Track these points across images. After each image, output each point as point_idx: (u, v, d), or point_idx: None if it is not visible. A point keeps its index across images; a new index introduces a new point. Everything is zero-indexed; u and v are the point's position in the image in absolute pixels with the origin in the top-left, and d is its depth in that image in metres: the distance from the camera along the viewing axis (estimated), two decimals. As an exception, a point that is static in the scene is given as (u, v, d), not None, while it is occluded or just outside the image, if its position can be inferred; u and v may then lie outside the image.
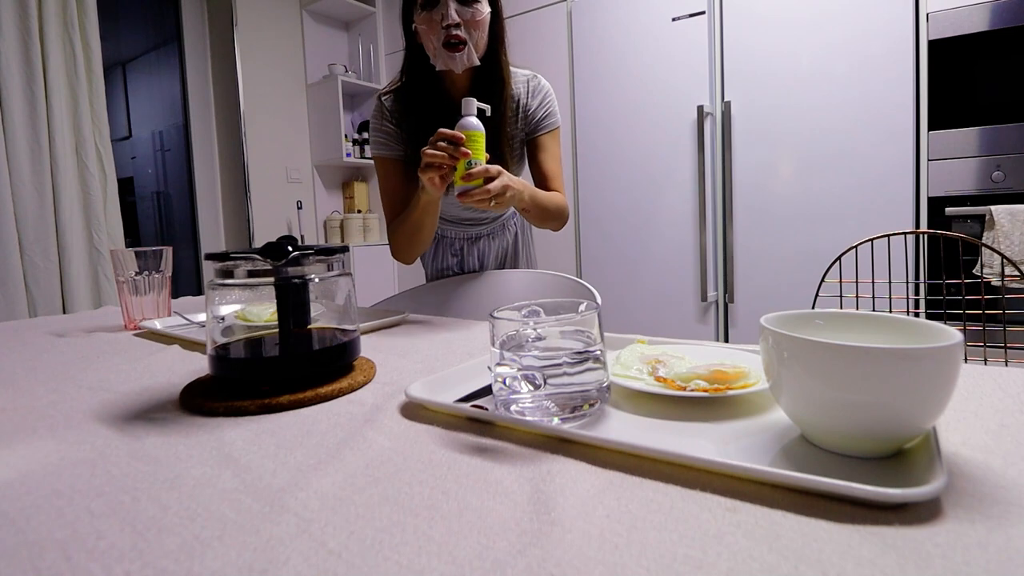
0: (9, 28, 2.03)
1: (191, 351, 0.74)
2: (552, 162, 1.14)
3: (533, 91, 1.11)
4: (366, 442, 0.40)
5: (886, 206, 1.84)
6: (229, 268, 0.53)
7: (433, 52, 0.98)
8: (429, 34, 0.97)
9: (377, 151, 1.10)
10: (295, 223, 3.14)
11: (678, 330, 2.21)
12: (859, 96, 1.85)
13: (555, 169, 1.14)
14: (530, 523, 0.29)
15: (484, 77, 1.04)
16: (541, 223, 1.10)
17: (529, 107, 1.11)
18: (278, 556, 0.27)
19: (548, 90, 1.14)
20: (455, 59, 0.97)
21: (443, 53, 0.96)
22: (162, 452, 0.40)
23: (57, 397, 0.55)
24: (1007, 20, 1.65)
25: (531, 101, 1.11)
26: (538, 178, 1.14)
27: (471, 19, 0.96)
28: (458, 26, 0.95)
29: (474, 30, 0.96)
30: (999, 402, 0.43)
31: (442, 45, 0.96)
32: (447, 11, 0.94)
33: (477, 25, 0.96)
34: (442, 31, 0.95)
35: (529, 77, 1.12)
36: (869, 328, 0.40)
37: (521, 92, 1.11)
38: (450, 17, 0.94)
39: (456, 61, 0.97)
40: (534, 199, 1.01)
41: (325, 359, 0.55)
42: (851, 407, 0.33)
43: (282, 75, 3.10)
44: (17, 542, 0.29)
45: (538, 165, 1.13)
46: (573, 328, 0.44)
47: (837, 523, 0.27)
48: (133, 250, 0.92)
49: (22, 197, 2.08)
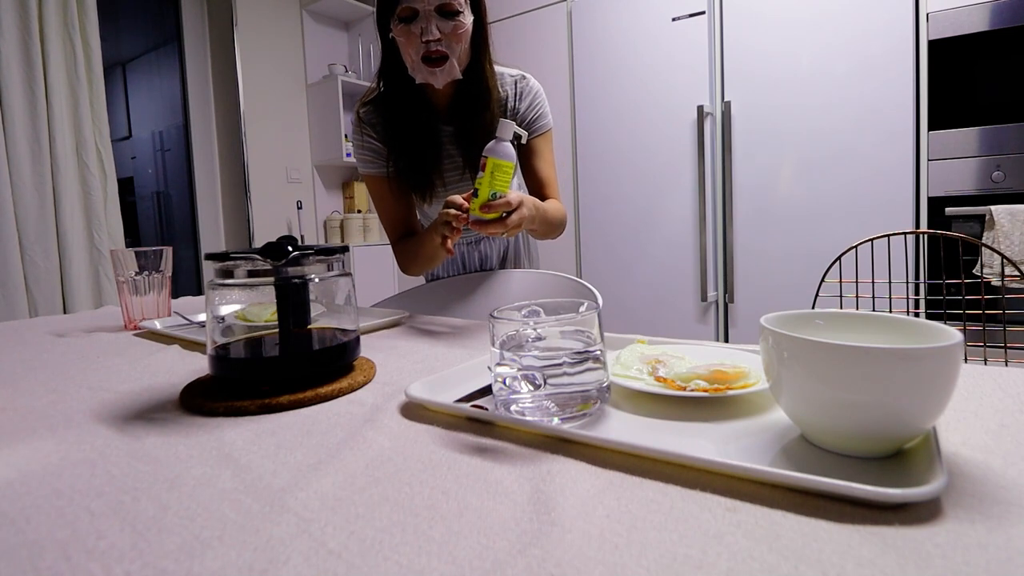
0: (9, 28, 2.03)
1: (191, 351, 0.74)
2: (547, 167, 1.09)
3: (522, 93, 1.06)
4: (366, 442, 0.40)
5: (886, 206, 1.84)
6: (229, 268, 0.53)
7: (412, 65, 0.93)
8: (408, 47, 0.92)
9: (364, 169, 1.08)
10: (295, 223, 3.14)
11: (678, 330, 2.21)
12: (859, 96, 1.85)
13: (551, 175, 1.09)
14: (530, 523, 0.29)
15: (468, 88, 0.99)
16: (544, 237, 1.08)
17: (518, 110, 1.05)
18: (278, 556, 0.27)
19: (538, 91, 1.08)
20: (436, 74, 0.92)
21: (423, 68, 0.92)
22: (162, 452, 0.40)
23: (57, 397, 0.55)
24: (1007, 20, 1.65)
25: (520, 104, 1.05)
26: (533, 185, 1.09)
27: (452, 32, 0.90)
28: (439, 40, 0.89)
29: (456, 43, 0.91)
30: (999, 402, 0.43)
31: (421, 59, 0.91)
32: (428, 26, 0.89)
33: (459, 38, 0.91)
34: (421, 45, 0.90)
35: (517, 78, 1.06)
36: (869, 328, 0.40)
37: (509, 94, 1.05)
38: (431, 32, 0.89)
39: (437, 76, 0.92)
40: (543, 219, 0.97)
41: (325, 359, 0.55)
42: (851, 407, 0.33)
43: (282, 75, 3.10)
44: (17, 542, 0.29)
45: (532, 171, 1.09)
46: (573, 328, 0.44)
47: (837, 523, 0.27)
48: (133, 250, 0.92)
49: (22, 197, 2.08)
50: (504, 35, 2.60)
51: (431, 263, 1.05)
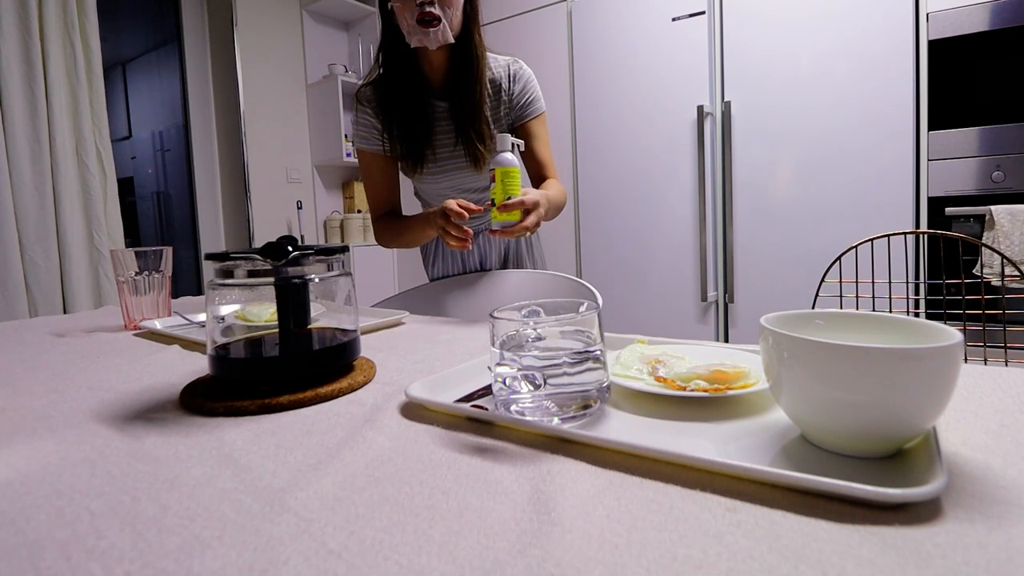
0: (9, 28, 2.03)
1: (191, 351, 0.74)
2: (544, 149, 1.16)
3: (515, 76, 1.13)
4: (366, 442, 0.40)
5: (886, 206, 1.84)
6: (229, 268, 0.53)
7: (408, 29, 1.01)
8: (404, 11, 0.99)
9: (358, 143, 1.16)
10: (295, 223, 3.14)
11: (678, 330, 2.21)
12: (859, 96, 1.85)
13: (548, 156, 1.17)
14: (530, 523, 0.29)
15: (459, 55, 1.07)
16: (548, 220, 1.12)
17: (512, 92, 1.13)
18: (278, 556, 0.27)
19: (530, 76, 1.15)
20: (429, 35, 0.99)
21: (417, 30, 0.99)
22: (162, 452, 0.40)
23: (57, 397, 0.55)
24: (1007, 20, 1.65)
25: (514, 87, 1.13)
26: (533, 167, 1.16)
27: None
28: (432, 3, 0.98)
29: (448, 7, 0.99)
30: (999, 402, 0.43)
31: (416, 22, 0.98)
32: None
33: (451, 3, 1.00)
34: (416, 8, 0.98)
35: (510, 62, 1.14)
36: (869, 328, 0.40)
37: (502, 76, 1.12)
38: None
39: (431, 37, 1.00)
40: (553, 208, 1.05)
41: (325, 359, 0.55)
42: (851, 407, 0.33)
43: (282, 75, 3.10)
44: (17, 542, 0.29)
45: (531, 153, 1.15)
46: (573, 328, 0.44)
47: (837, 523, 0.27)
48: (133, 250, 0.92)
49: (22, 197, 2.08)
50: (504, 35, 2.60)
51: (413, 245, 1.17)
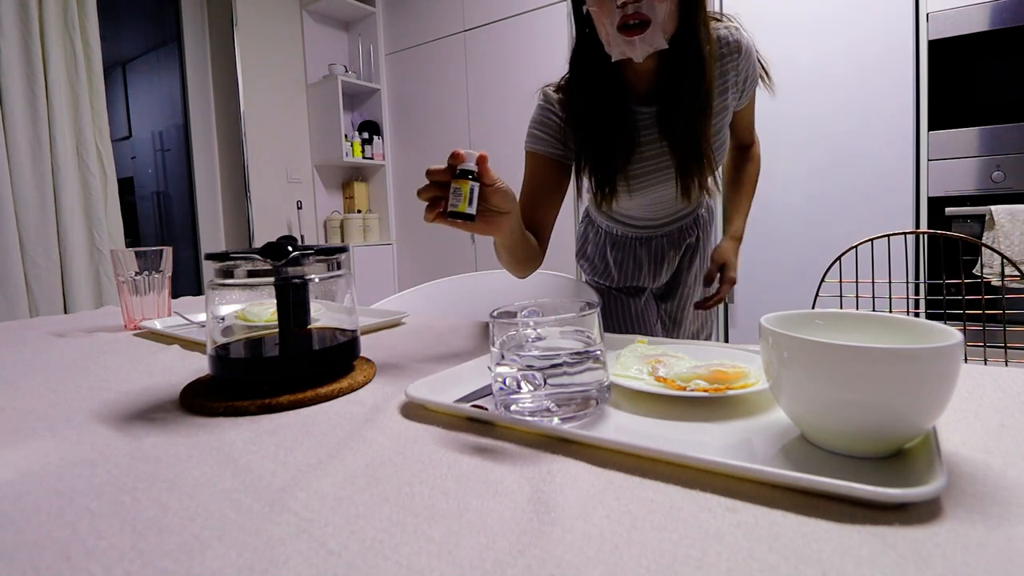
0: (9, 28, 2.03)
1: (191, 351, 0.74)
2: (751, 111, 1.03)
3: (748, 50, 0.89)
4: (366, 442, 0.40)
5: (886, 206, 1.84)
6: (229, 268, 0.53)
7: (608, 40, 0.78)
8: (602, 17, 0.76)
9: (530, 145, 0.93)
10: (295, 223, 3.14)
11: (678, 330, 2.20)
12: (859, 96, 1.85)
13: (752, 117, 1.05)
14: (530, 523, 0.29)
15: (675, 62, 0.80)
16: None
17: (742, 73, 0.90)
18: (278, 556, 0.27)
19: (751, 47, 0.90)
20: (633, 44, 0.75)
21: (619, 39, 0.76)
22: (162, 452, 0.40)
23: (57, 397, 0.55)
24: (1007, 20, 1.65)
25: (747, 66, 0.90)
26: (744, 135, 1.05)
27: None
28: (637, 3, 0.73)
29: (658, 3, 0.73)
30: (999, 402, 0.43)
31: (617, 29, 0.75)
32: None
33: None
34: (617, 11, 0.74)
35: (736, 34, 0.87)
36: (869, 328, 0.40)
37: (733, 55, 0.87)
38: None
39: (635, 47, 0.76)
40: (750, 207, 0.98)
41: (325, 359, 0.55)
42: (851, 407, 0.33)
43: (282, 75, 3.10)
44: (17, 542, 0.29)
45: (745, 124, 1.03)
46: (573, 328, 0.44)
47: (837, 523, 0.27)
48: (133, 250, 0.92)
49: (23, 197, 2.08)
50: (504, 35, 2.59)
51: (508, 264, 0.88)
